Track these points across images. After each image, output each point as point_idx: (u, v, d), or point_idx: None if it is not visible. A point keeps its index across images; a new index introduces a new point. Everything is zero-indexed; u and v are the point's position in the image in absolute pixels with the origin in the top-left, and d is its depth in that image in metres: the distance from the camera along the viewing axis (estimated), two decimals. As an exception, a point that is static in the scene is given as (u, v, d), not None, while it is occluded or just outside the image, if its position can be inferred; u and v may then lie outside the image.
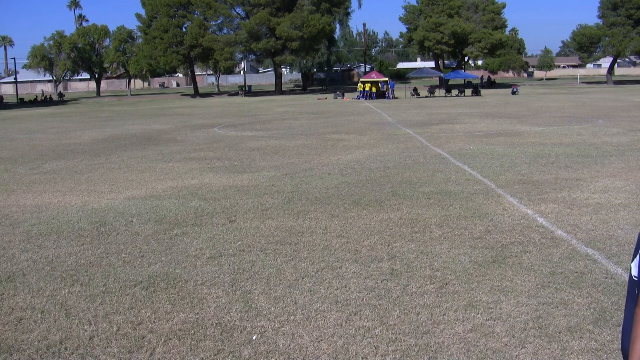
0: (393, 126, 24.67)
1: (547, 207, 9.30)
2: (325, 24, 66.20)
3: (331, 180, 12.22)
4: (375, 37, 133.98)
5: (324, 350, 4.81)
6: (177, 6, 70.40)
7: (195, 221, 9.03)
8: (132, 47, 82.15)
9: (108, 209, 10.13)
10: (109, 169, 14.96)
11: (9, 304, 5.95)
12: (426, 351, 4.74)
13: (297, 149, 17.77)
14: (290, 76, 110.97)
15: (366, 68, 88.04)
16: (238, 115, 35.07)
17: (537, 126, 22.57)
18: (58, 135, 25.51)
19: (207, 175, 13.31)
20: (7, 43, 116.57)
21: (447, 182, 11.59)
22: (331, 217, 9.06)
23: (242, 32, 68.27)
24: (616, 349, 4.70)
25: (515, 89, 53.48)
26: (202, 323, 5.37)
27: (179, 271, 6.77)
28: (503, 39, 74.00)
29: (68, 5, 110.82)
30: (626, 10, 70.84)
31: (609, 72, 77.43)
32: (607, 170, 12.37)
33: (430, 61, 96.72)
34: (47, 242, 8.11)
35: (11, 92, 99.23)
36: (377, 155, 15.72)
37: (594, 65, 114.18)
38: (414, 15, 77.64)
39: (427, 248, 7.39)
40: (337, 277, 6.45)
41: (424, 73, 65.81)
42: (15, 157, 18.05)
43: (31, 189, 12.38)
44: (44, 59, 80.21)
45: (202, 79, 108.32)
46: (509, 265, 6.68)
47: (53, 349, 4.94)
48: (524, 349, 4.73)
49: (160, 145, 20.10)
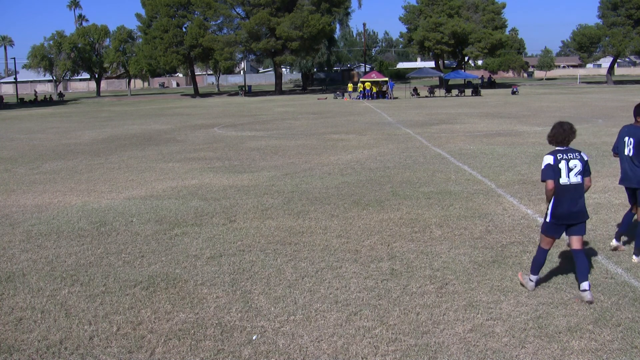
0: (393, 126, 24.67)
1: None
2: (325, 24, 66.19)
3: (331, 180, 12.22)
4: (375, 37, 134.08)
5: (324, 350, 4.81)
6: (177, 6, 70.40)
7: (195, 221, 9.03)
8: (132, 47, 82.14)
9: (108, 209, 10.13)
10: (109, 169, 14.96)
11: (9, 304, 5.95)
12: (426, 351, 4.74)
13: (297, 149, 17.77)
14: (290, 76, 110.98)
15: (366, 68, 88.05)
16: (238, 115, 35.07)
17: (537, 126, 22.57)
18: (58, 135, 25.51)
19: (207, 175, 13.31)
20: (7, 43, 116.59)
21: (447, 182, 11.59)
22: (331, 217, 9.06)
23: (242, 32, 68.28)
24: (616, 349, 4.71)
25: (515, 89, 53.49)
26: (202, 323, 5.37)
27: (179, 271, 6.77)
28: (503, 39, 74.02)
29: (68, 5, 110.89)
30: (626, 10, 70.84)
31: (609, 72, 77.44)
32: (607, 170, 12.37)
33: (430, 61, 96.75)
34: (47, 242, 8.11)
35: (11, 92, 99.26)
36: (377, 155, 15.72)
37: (594, 65, 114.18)
38: (414, 15, 77.65)
39: (427, 248, 7.39)
40: (337, 277, 6.45)
41: (424, 73, 65.81)
42: (15, 157, 18.05)
43: (31, 189, 12.38)
44: (44, 59, 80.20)
45: (202, 79, 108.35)
46: (509, 265, 6.68)
47: (53, 349, 4.94)
48: (524, 349, 4.73)
49: (160, 145, 20.10)
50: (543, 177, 5.69)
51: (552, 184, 5.62)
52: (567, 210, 5.67)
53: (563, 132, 5.70)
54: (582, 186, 5.70)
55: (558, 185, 5.64)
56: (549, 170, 5.64)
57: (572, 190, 5.65)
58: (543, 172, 5.69)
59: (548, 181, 5.64)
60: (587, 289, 5.58)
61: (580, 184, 5.68)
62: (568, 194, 5.64)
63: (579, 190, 5.68)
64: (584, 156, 5.75)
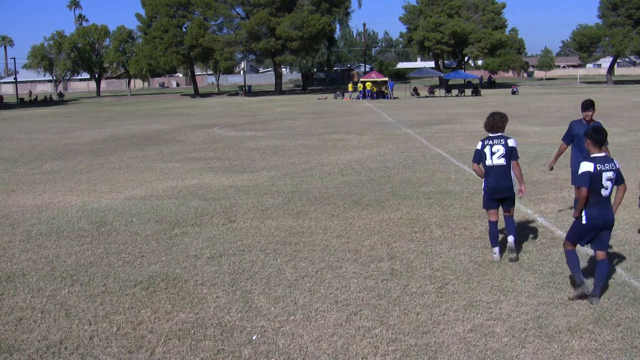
0: (393, 126, 24.67)
1: (547, 207, 9.30)
2: (325, 24, 66.17)
3: (331, 180, 12.22)
4: (375, 37, 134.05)
5: (324, 350, 4.81)
6: (177, 6, 70.36)
7: (195, 221, 9.03)
8: (132, 47, 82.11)
9: (108, 209, 10.13)
10: (109, 169, 14.96)
11: (9, 304, 5.95)
12: (426, 351, 4.74)
13: (297, 149, 17.77)
14: (290, 76, 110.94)
15: (366, 68, 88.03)
16: (238, 115, 35.06)
17: (537, 126, 22.56)
18: (58, 135, 25.51)
19: (207, 175, 13.31)
20: (7, 43, 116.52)
21: (447, 182, 11.59)
22: (331, 217, 9.06)
23: (242, 32, 68.24)
24: (616, 349, 4.71)
25: (515, 89, 53.48)
26: (202, 323, 5.37)
27: (179, 271, 6.77)
28: (503, 39, 74.00)
29: (68, 5, 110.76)
30: (626, 10, 70.82)
31: (609, 72, 77.41)
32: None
33: (430, 61, 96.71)
34: (47, 242, 8.11)
35: (11, 92, 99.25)
36: (377, 155, 15.72)
37: (594, 65, 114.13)
38: (414, 15, 77.62)
39: (427, 248, 7.39)
40: (337, 277, 6.45)
41: (424, 73, 65.81)
42: (15, 157, 18.05)
43: (31, 189, 12.38)
44: (44, 59, 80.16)
45: (202, 79, 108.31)
46: (509, 265, 6.69)
47: (53, 349, 4.94)
48: (524, 349, 4.73)
49: (160, 145, 20.10)
50: (473, 159, 6.91)
51: (476, 166, 6.84)
52: (495, 186, 6.71)
53: (494, 121, 6.79)
54: (506, 167, 6.70)
55: (485, 166, 6.76)
56: (476, 155, 6.83)
57: (495, 169, 6.70)
58: (473, 156, 6.87)
59: (474, 164, 6.88)
60: (512, 241, 6.81)
61: (503, 165, 6.69)
62: (493, 172, 6.72)
63: (503, 170, 6.69)
64: (510, 143, 6.71)
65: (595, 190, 5.51)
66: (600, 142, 5.60)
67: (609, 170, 5.54)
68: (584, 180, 5.49)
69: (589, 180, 5.47)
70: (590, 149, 5.66)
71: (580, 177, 5.53)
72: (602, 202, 5.58)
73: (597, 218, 5.57)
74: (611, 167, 5.57)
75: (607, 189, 5.57)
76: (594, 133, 5.61)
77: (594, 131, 5.63)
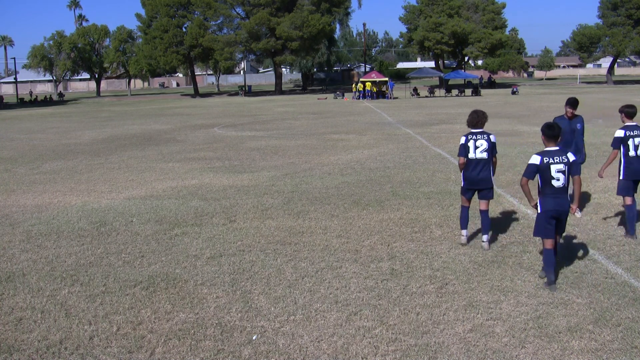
0: (393, 126, 24.67)
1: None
2: (325, 24, 66.17)
3: (331, 180, 12.22)
4: (375, 37, 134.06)
5: (324, 350, 4.81)
6: (177, 6, 70.36)
7: (195, 221, 9.03)
8: (132, 47, 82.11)
9: (108, 209, 10.13)
10: (109, 169, 14.96)
11: (9, 304, 5.95)
12: (426, 351, 4.74)
13: (297, 149, 17.77)
14: (290, 76, 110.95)
15: (366, 68, 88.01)
16: (238, 115, 35.06)
17: (537, 126, 22.51)
18: (58, 135, 25.51)
19: (207, 175, 13.31)
20: (7, 43, 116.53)
21: (447, 182, 11.60)
22: (331, 217, 9.06)
23: (242, 32, 68.24)
24: (616, 349, 4.71)
25: (515, 89, 53.48)
26: (202, 323, 5.37)
27: (179, 271, 6.77)
28: (503, 39, 74.00)
29: (68, 5, 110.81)
30: (626, 10, 70.81)
31: (609, 72, 77.42)
32: (607, 170, 12.33)
33: (430, 61, 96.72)
34: (47, 242, 8.11)
35: (11, 92, 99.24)
36: (377, 155, 15.72)
37: (594, 65, 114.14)
38: (414, 15, 77.64)
39: (427, 248, 7.39)
40: (337, 277, 6.45)
41: (424, 73, 65.82)
42: (15, 157, 18.05)
43: (31, 189, 12.38)
44: (44, 59, 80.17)
45: (202, 79, 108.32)
46: (509, 265, 6.69)
47: (53, 349, 4.94)
48: (524, 349, 4.73)
49: (160, 145, 20.10)
50: (458, 154, 7.26)
51: (462, 159, 7.21)
52: (474, 177, 7.18)
53: (477, 117, 7.27)
54: (487, 160, 7.15)
55: (467, 159, 7.17)
56: (461, 149, 7.24)
57: (476, 162, 7.15)
58: (459, 150, 7.25)
59: (460, 158, 7.25)
60: (485, 240, 7.23)
61: (485, 158, 7.15)
62: (473, 165, 7.17)
63: (483, 164, 7.15)
64: (492, 138, 7.20)
65: (546, 181, 6.02)
66: (553, 137, 6.03)
67: (559, 162, 5.98)
68: (527, 171, 6.10)
69: (533, 172, 6.07)
70: (544, 142, 6.13)
71: (526, 169, 6.13)
72: (557, 193, 6.06)
73: (550, 206, 6.06)
74: (562, 160, 5.99)
75: (558, 180, 6.00)
76: (546, 128, 6.08)
77: (546, 127, 6.10)
